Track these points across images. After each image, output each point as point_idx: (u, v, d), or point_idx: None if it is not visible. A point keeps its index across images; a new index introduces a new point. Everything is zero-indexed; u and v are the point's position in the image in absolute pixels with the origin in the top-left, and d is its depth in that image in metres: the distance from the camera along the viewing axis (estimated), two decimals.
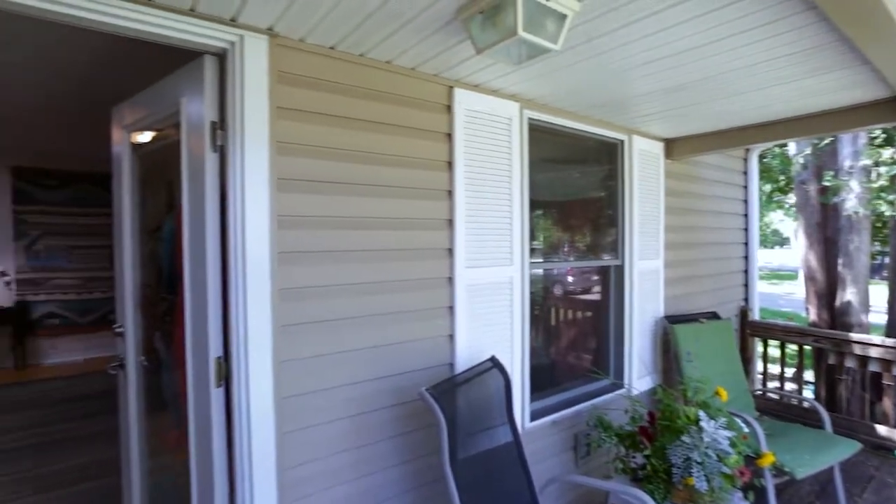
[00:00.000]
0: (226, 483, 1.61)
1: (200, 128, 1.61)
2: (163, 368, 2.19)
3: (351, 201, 1.77)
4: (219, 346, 1.59)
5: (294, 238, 1.63)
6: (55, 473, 3.14)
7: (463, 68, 1.95)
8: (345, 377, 1.76)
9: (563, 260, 3.13)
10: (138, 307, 2.13)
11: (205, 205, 1.58)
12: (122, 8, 1.37)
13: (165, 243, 2.23)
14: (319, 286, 1.69)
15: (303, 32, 1.62)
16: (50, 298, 5.88)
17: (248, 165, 1.53)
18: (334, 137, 1.74)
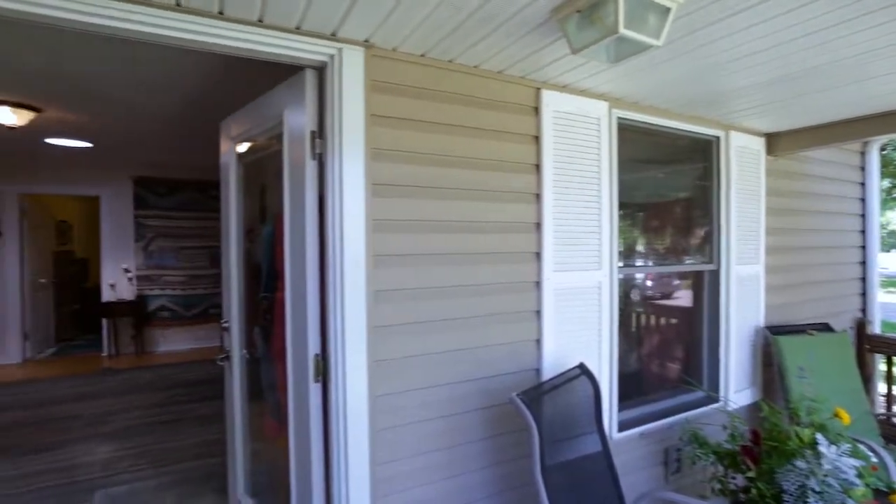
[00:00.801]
0: (322, 472, 1.70)
1: (301, 137, 1.71)
2: (261, 361, 2.36)
3: (440, 205, 1.80)
4: (317, 344, 1.68)
5: (387, 241, 1.69)
6: (169, 450, 3.49)
7: (551, 69, 1.92)
8: (433, 378, 1.79)
9: (654, 264, 2.97)
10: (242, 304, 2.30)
11: (304, 210, 1.68)
12: (238, 31, 1.49)
13: (264, 245, 2.40)
14: (410, 288, 1.74)
15: (396, 42, 1.67)
16: (162, 293, 6.56)
17: (346, 172, 1.60)
18: (424, 142, 1.78)
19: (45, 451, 3.51)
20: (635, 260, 2.85)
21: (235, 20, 1.48)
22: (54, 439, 3.73)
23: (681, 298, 3.06)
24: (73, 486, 3.01)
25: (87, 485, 3.02)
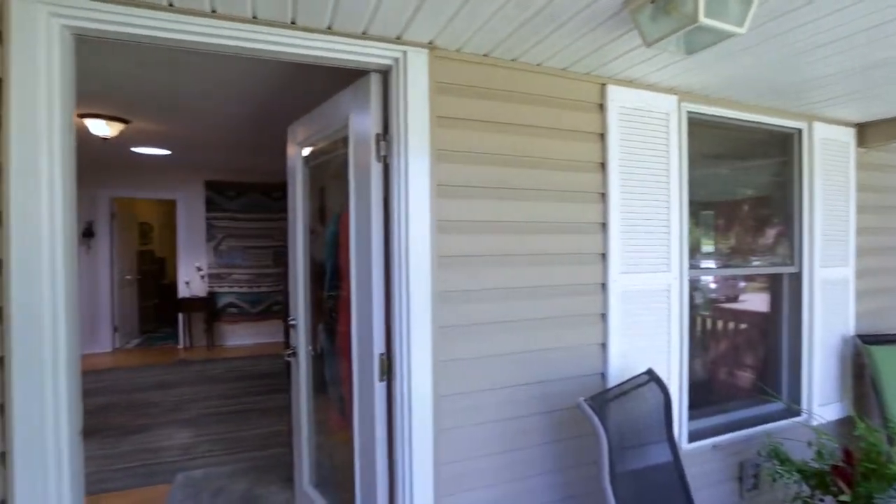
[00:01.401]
0: (386, 470, 1.73)
1: (366, 140, 1.75)
2: (325, 358, 2.45)
3: (504, 205, 1.79)
4: (381, 343, 1.72)
5: (451, 242, 1.70)
6: (240, 439, 3.69)
7: (618, 64, 1.85)
8: (496, 380, 1.78)
9: (726, 266, 2.80)
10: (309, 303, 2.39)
11: (370, 211, 1.72)
12: (309, 39, 1.55)
13: (327, 245, 2.48)
14: (474, 290, 1.73)
15: (460, 43, 1.67)
16: (230, 290, 6.95)
17: (411, 173, 1.62)
18: (488, 143, 1.77)
19: (134, 434, 3.82)
20: (706, 262, 2.69)
21: (306, 29, 1.54)
22: (140, 423, 4.05)
23: (755, 302, 2.87)
24: (158, 466, 3.26)
25: (170, 466, 3.25)
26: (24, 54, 1.26)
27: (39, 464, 1.26)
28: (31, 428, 1.25)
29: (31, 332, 1.24)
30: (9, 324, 1.21)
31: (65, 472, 1.32)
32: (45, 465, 1.27)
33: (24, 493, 1.25)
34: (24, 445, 1.24)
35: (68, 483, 1.33)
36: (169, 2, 1.38)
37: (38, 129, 1.27)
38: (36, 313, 1.25)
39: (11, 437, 1.22)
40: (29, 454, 1.25)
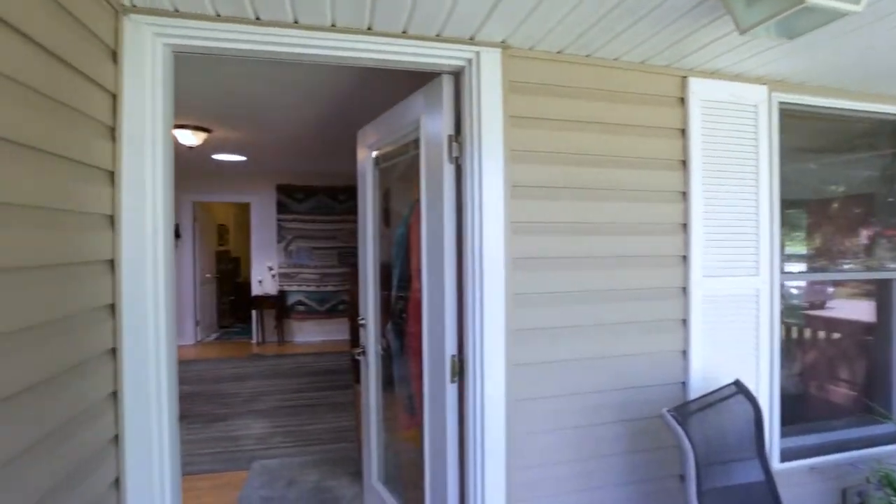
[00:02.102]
0: (457, 472, 1.73)
1: (438, 142, 1.76)
2: (394, 357, 2.49)
3: (579, 206, 1.73)
4: (453, 345, 1.72)
5: (526, 244, 1.67)
6: (310, 432, 3.85)
7: (701, 55, 1.74)
8: (570, 386, 1.73)
9: (824, 269, 2.56)
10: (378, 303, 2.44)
11: (442, 213, 1.72)
12: (384, 44, 1.58)
13: (396, 246, 2.52)
14: (549, 292, 1.69)
15: (533, 41, 1.64)
16: (299, 289, 7.28)
17: (485, 174, 1.61)
18: (562, 142, 1.72)
19: (215, 422, 4.09)
20: (799, 265, 2.47)
21: (382, 34, 1.57)
22: (221, 412, 4.33)
23: (856, 310, 2.59)
24: (237, 453, 3.47)
25: (247, 454, 3.45)
26: (134, 72, 1.38)
27: (145, 445, 1.37)
28: (139, 413, 1.36)
29: (138, 326, 1.36)
30: (120, 318, 1.33)
31: (166, 454, 1.43)
32: (150, 446, 1.38)
33: (134, 471, 1.36)
34: (133, 429, 1.36)
35: (169, 463, 1.43)
36: (256, 16, 1.46)
37: (144, 139, 1.38)
38: (141, 309, 1.36)
39: (123, 422, 1.34)
40: (137, 437, 1.36)
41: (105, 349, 1.30)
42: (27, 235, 1.00)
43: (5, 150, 0.93)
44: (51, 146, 1.07)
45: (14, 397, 0.95)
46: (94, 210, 1.26)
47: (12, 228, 0.95)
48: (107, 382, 1.30)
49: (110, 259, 1.32)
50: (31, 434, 1.00)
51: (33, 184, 1.02)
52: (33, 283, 1.02)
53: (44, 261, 1.06)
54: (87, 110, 1.22)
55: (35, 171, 1.03)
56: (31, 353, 1.01)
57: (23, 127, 0.98)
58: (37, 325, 1.03)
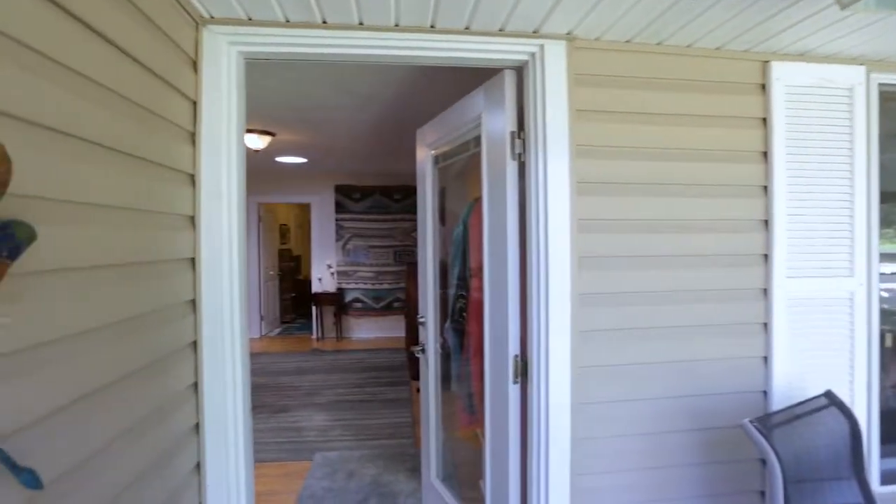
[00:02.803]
0: (518, 474, 1.70)
1: (500, 139, 1.73)
2: (452, 355, 2.49)
3: (649, 202, 1.65)
4: (516, 345, 1.69)
5: (592, 242, 1.61)
6: (368, 427, 3.94)
7: (786, 36, 1.61)
8: (638, 391, 1.65)
9: None
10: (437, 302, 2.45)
11: (505, 211, 1.69)
12: (447, 41, 1.57)
13: (455, 245, 2.52)
14: (616, 292, 1.63)
15: (600, 31, 1.58)
16: (356, 287, 7.48)
17: (550, 170, 1.57)
18: (630, 135, 1.64)
19: (280, 413, 4.28)
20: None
21: (445, 31, 1.56)
22: (284, 403, 4.53)
23: None
24: (300, 444, 3.61)
25: (309, 445, 3.58)
26: (211, 79, 1.45)
27: (222, 433, 1.45)
28: (217, 403, 1.44)
29: (216, 320, 1.43)
30: (200, 313, 1.41)
31: (241, 442, 1.50)
32: (227, 434, 1.46)
33: (213, 457, 1.44)
34: (212, 417, 1.43)
35: (243, 451, 1.50)
36: (323, 19, 1.50)
37: (220, 143, 1.45)
38: (218, 304, 1.44)
39: (203, 411, 1.42)
40: (215, 425, 1.44)
41: (188, 342, 1.38)
42: (120, 235, 1.08)
43: (101, 154, 1.01)
44: (141, 151, 1.15)
45: (112, 385, 1.02)
46: (177, 211, 1.34)
47: (107, 228, 1.03)
48: (189, 373, 1.38)
49: (191, 257, 1.40)
50: (126, 419, 1.07)
51: (125, 186, 1.09)
52: (126, 280, 1.10)
53: (135, 258, 1.14)
54: (171, 117, 1.30)
55: (127, 175, 1.10)
56: (126, 345, 1.08)
57: (116, 133, 1.05)
58: (131, 318, 1.10)
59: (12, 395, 0.75)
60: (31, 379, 0.80)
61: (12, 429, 0.75)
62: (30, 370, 0.79)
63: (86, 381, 0.94)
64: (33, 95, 0.81)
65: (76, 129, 0.92)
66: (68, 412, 0.89)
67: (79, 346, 0.92)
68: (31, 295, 0.80)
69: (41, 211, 0.82)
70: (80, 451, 0.91)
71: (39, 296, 0.82)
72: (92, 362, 0.96)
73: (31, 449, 0.78)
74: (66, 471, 0.87)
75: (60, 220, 0.88)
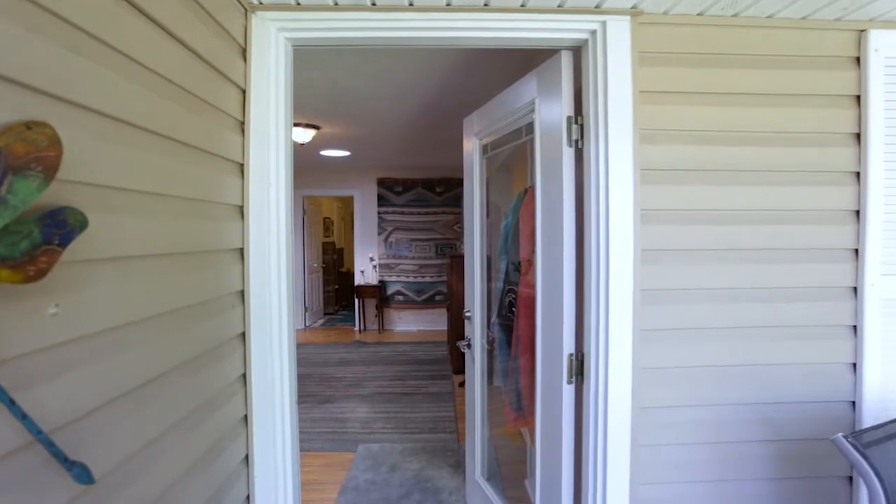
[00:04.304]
0: (571, 479, 1.61)
1: (555, 124, 1.62)
2: (499, 351, 2.41)
3: (721, 191, 1.50)
4: (571, 343, 1.59)
5: (657, 234, 1.48)
6: (410, 420, 3.93)
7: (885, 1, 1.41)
8: (704, 396, 1.52)
9: None
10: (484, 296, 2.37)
11: (561, 201, 1.59)
12: (500, 20, 1.48)
13: (503, 237, 2.43)
14: (682, 289, 1.49)
15: (668, 4, 1.44)
16: (397, 280, 7.51)
17: (612, 157, 1.45)
18: (701, 118, 1.50)
19: (324, 403, 4.34)
20: None
21: (499, 9, 1.47)
22: (328, 394, 4.59)
23: None
24: (345, 435, 3.63)
25: (352, 437, 3.60)
26: (260, 67, 1.43)
27: (270, 425, 1.43)
28: (265, 394, 1.42)
29: (264, 312, 1.41)
30: (248, 304, 1.39)
31: (287, 434, 1.48)
32: (275, 426, 1.44)
33: (261, 449, 1.43)
34: (260, 409, 1.42)
35: (290, 443, 1.49)
36: (372, 1, 1.44)
37: (269, 132, 1.42)
38: (266, 296, 1.41)
39: (251, 403, 1.41)
40: (263, 417, 1.43)
41: (236, 333, 1.36)
42: (170, 224, 1.06)
43: (151, 141, 0.99)
44: (191, 138, 1.13)
45: (163, 377, 1.01)
46: (227, 201, 1.32)
47: (157, 217, 1.01)
48: (238, 365, 1.37)
49: (240, 248, 1.38)
50: (177, 411, 1.06)
51: (175, 174, 1.08)
52: (176, 270, 1.08)
53: (185, 248, 1.12)
54: (221, 105, 1.28)
55: (177, 162, 1.09)
56: (176, 335, 1.07)
57: (167, 119, 1.03)
58: (181, 308, 1.09)
59: (63, 387, 0.74)
60: (82, 370, 0.78)
61: (63, 422, 0.73)
62: (80, 361, 0.78)
63: (136, 372, 0.93)
64: (84, 78, 0.78)
65: (127, 115, 0.89)
66: (119, 404, 0.87)
67: (129, 336, 0.91)
68: (82, 284, 0.78)
69: (92, 198, 0.80)
70: (130, 445, 0.90)
71: (90, 285, 0.80)
72: (142, 353, 0.95)
73: (83, 442, 0.76)
74: (117, 464, 0.86)
75: (111, 208, 0.86)
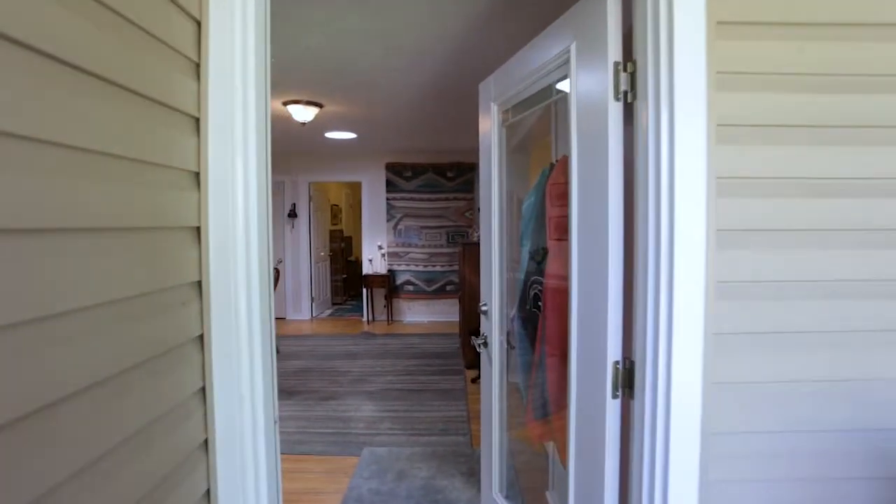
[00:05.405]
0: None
1: (598, 75, 1.29)
2: (519, 352, 2.09)
3: (826, 154, 1.15)
4: (617, 348, 1.26)
5: (738, 209, 1.14)
6: (419, 420, 3.64)
7: None
8: (795, 419, 1.19)
9: None
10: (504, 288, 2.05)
11: (605, 169, 1.26)
12: None
13: (526, 220, 2.10)
14: (771, 281, 1.15)
15: None
16: (407, 269, 7.21)
17: (678, 108, 1.10)
18: (796, 55, 1.14)
19: (327, 400, 4.07)
20: None
21: None
22: (332, 389, 4.32)
23: None
24: (348, 436, 3.36)
25: (356, 438, 3.32)
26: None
27: (238, 453, 1.14)
28: (231, 414, 1.12)
29: (228, 309, 1.11)
30: (208, 299, 1.08)
31: (262, 462, 1.18)
32: (244, 453, 1.14)
33: (226, 481, 1.13)
34: (224, 432, 1.12)
35: (265, 472, 1.19)
36: None
37: (234, 79, 1.10)
38: (231, 288, 1.11)
39: (213, 424, 1.11)
40: (229, 442, 1.13)
41: (191, 336, 1.06)
42: (94, 188, 0.76)
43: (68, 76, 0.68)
44: (124, 77, 0.82)
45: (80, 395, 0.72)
46: (177, 164, 1.01)
47: (75, 178, 0.71)
48: (194, 377, 1.07)
49: (196, 226, 1.08)
50: (103, 441, 0.76)
51: (103, 122, 0.77)
52: (104, 251, 0.78)
53: (116, 222, 0.82)
54: (167, 38, 0.96)
55: (106, 107, 0.78)
56: (102, 340, 0.77)
57: (90, 48, 0.72)
58: (107, 303, 0.79)
59: None
60: None
61: None
62: None
63: (41, 390, 0.63)
64: None
65: (35, 38, 0.58)
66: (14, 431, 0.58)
67: (28, 339, 0.61)
68: None
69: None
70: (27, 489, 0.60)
71: None
72: (50, 363, 0.65)
73: None
74: None
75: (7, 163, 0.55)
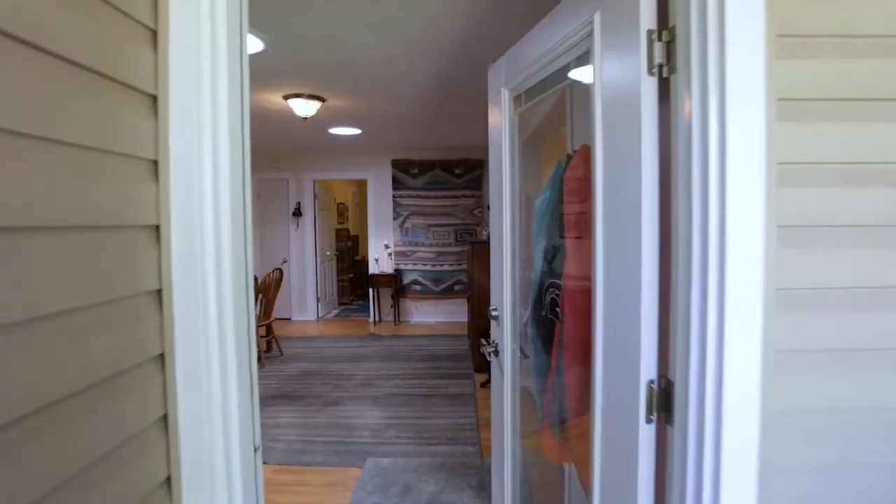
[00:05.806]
0: None
1: (627, 47, 1.10)
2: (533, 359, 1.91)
3: None
4: (652, 366, 1.08)
5: (804, 201, 0.95)
6: (426, 427, 3.47)
7: None
8: (868, 452, 0.99)
9: None
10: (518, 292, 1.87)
11: (637, 156, 1.07)
12: None
13: (540, 216, 1.91)
14: (844, 288, 0.96)
15: None
16: (414, 268, 7.04)
17: (730, 82, 0.92)
18: (878, 13, 0.95)
19: (330, 405, 3.92)
20: None
21: None
22: (336, 394, 4.17)
23: None
24: (351, 446, 3.20)
25: (360, 448, 3.16)
26: None
27: (209, 493, 0.97)
28: (199, 446, 0.96)
29: (194, 322, 0.94)
30: (170, 311, 0.92)
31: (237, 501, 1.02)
32: (215, 494, 0.97)
33: None
34: (192, 468, 0.96)
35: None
36: None
37: (200, 47, 0.93)
38: (199, 298, 0.94)
39: (178, 459, 0.94)
40: (197, 480, 0.96)
41: (150, 356, 0.89)
42: (27, 180, 0.59)
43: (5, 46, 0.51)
44: (63, 45, 0.65)
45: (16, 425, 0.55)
46: (130, 151, 0.84)
47: (23, 168, 0.55)
48: (153, 403, 0.90)
49: (155, 225, 0.91)
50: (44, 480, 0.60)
51: (33, 100, 0.61)
52: (39, 254, 0.62)
53: (55, 220, 0.66)
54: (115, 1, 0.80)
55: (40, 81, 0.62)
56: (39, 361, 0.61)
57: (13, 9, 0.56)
58: (45, 316, 0.63)
59: None
60: None
61: None
62: None
63: None
64: None
65: None
66: None
67: None
68: None
69: None
70: None
71: None
72: None
73: None
74: None
75: None
